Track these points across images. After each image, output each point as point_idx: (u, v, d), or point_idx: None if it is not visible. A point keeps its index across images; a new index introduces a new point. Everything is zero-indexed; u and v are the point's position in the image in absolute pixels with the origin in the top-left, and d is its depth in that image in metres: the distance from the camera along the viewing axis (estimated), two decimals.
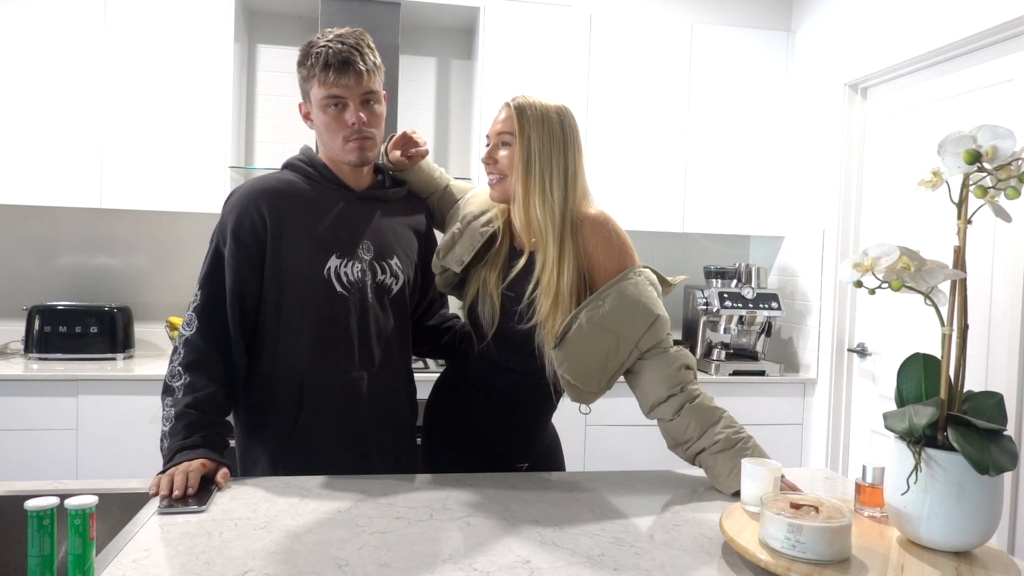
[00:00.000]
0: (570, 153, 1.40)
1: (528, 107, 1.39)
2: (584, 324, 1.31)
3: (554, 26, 3.07)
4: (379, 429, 1.49)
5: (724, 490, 1.32)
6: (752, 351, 3.21)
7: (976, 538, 1.00)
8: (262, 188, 1.43)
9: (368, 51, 1.40)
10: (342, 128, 1.41)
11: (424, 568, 0.97)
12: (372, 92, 1.41)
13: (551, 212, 1.36)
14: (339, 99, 1.39)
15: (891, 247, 1.02)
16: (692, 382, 1.36)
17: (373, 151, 1.45)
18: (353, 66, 1.37)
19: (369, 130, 1.42)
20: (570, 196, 1.39)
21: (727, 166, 3.26)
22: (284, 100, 3.26)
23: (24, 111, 2.72)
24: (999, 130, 0.97)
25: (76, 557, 0.91)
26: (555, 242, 1.35)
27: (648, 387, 1.35)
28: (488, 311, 1.43)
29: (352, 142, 1.42)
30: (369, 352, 1.46)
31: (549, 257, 1.36)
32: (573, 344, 1.32)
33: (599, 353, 1.33)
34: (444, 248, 1.50)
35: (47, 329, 2.78)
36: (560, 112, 1.41)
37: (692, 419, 1.33)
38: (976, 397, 1.06)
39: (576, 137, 1.41)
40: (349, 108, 1.40)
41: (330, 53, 1.36)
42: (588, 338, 1.31)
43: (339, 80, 1.37)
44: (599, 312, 1.31)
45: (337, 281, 1.43)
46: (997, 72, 2.32)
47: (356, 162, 1.44)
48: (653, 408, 1.36)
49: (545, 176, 1.37)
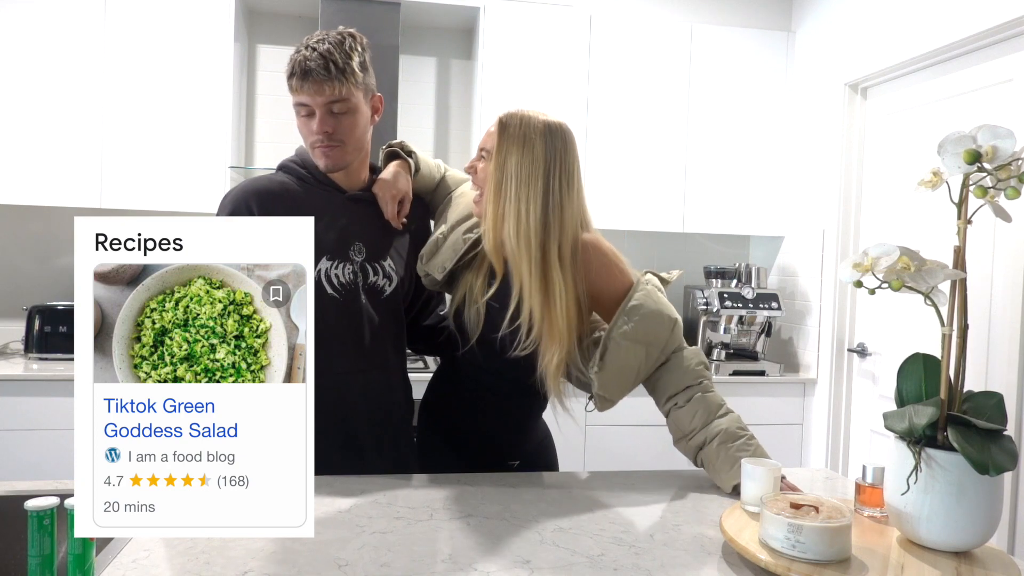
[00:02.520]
0: (554, 177, 1.30)
1: (513, 123, 1.32)
2: (620, 342, 1.31)
3: (554, 26, 3.07)
4: (374, 430, 1.49)
5: (723, 486, 1.33)
6: (752, 351, 3.21)
7: (976, 538, 1.00)
8: (254, 189, 1.43)
9: (343, 57, 1.36)
10: (310, 135, 1.42)
11: (424, 568, 0.97)
12: (338, 101, 1.38)
13: (526, 241, 1.29)
14: (306, 107, 1.39)
15: (891, 247, 1.02)
16: (708, 378, 1.40)
17: (343, 159, 1.43)
18: (313, 75, 1.34)
19: (335, 139, 1.40)
20: (553, 225, 1.30)
21: (727, 166, 3.26)
22: (284, 100, 3.22)
23: (24, 111, 2.72)
24: (999, 130, 0.97)
25: (76, 557, 0.91)
26: (533, 275, 1.29)
27: (669, 383, 1.38)
28: (473, 317, 1.41)
29: (318, 149, 1.42)
30: (363, 354, 1.46)
31: (526, 288, 1.30)
32: (611, 364, 1.32)
33: (632, 366, 1.34)
34: (427, 253, 1.47)
35: (47, 329, 2.78)
36: (551, 131, 1.32)
37: (700, 407, 1.35)
38: (976, 397, 1.06)
39: (567, 160, 1.32)
40: (315, 116, 1.39)
41: (298, 61, 1.36)
42: (623, 354, 1.32)
43: (302, 87, 1.36)
44: (629, 327, 1.32)
45: (328, 283, 1.42)
46: (997, 72, 2.32)
47: (325, 168, 1.45)
48: (669, 400, 1.39)
49: (521, 200, 1.29)
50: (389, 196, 1.49)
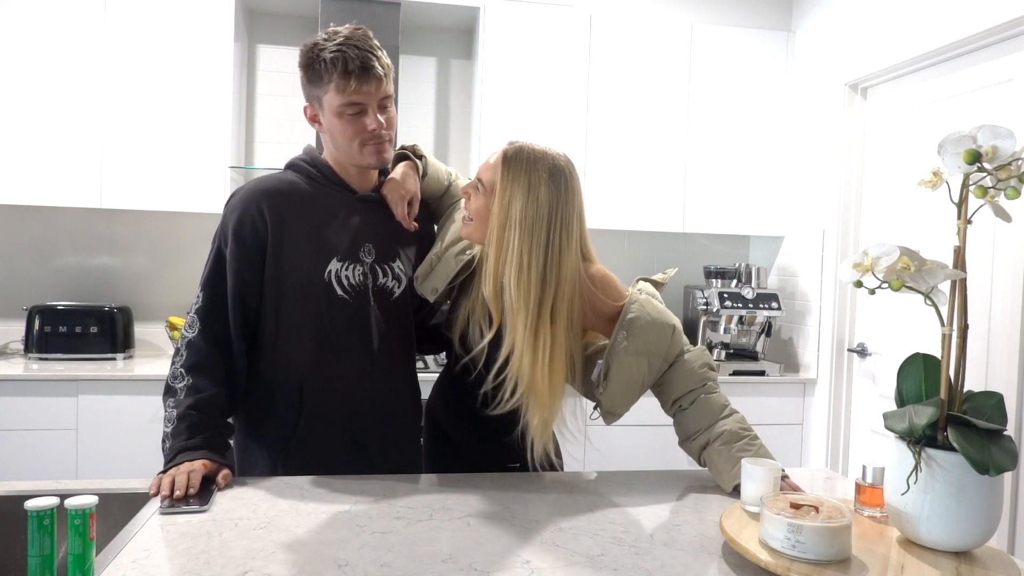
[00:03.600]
0: (555, 229, 1.27)
1: (518, 163, 1.29)
2: (622, 356, 1.31)
3: (554, 26, 3.07)
4: (381, 432, 1.48)
5: (725, 486, 1.33)
6: (752, 351, 3.21)
7: (976, 538, 1.00)
8: (264, 189, 1.42)
9: (380, 52, 1.39)
10: (359, 133, 1.39)
11: (424, 568, 0.97)
12: (388, 96, 1.41)
13: (525, 294, 1.25)
14: (359, 106, 1.37)
15: (891, 247, 1.02)
16: (713, 379, 1.40)
17: (390, 153, 1.46)
18: (373, 72, 1.35)
19: (387, 133, 1.42)
20: (550, 281, 1.26)
21: (727, 166, 3.26)
22: (284, 100, 3.26)
23: (24, 111, 2.72)
24: (999, 130, 0.97)
25: (76, 557, 0.91)
26: (527, 330, 1.25)
27: (674, 387, 1.38)
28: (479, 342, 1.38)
29: (370, 146, 1.41)
30: (371, 355, 1.46)
31: (519, 343, 1.26)
32: (615, 380, 1.32)
33: (636, 379, 1.34)
34: (422, 274, 1.46)
35: (47, 329, 2.78)
36: (554, 175, 1.28)
37: (703, 409, 1.36)
38: (976, 397, 1.06)
39: (568, 207, 1.29)
40: (368, 114, 1.38)
41: (348, 59, 1.33)
42: (626, 370, 1.32)
43: (360, 87, 1.34)
44: (627, 344, 1.31)
45: (338, 284, 1.42)
46: (997, 72, 2.32)
47: (375, 165, 1.44)
48: (674, 403, 1.39)
49: (523, 252, 1.26)
50: (398, 196, 1.49)
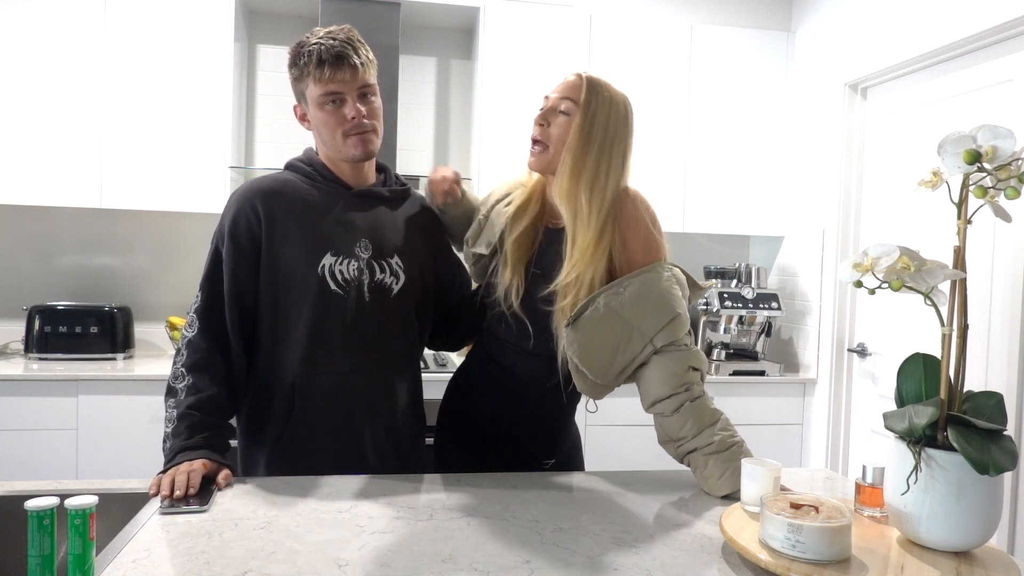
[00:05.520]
0: (630, 143, 1.40)
1: (601, 84, 1.38)
2: (601, 308, 1.30)
3: (554, 26, 3.07)
4: (376, 433, 1.45)
5: (714, 492, 1.31)
6: (752, 351, 3.21)
7: (976, 538, 1.00)
8: (258, 188, 1.43)
9: (360, 45, 1.40)
10: (341, 123, 1.40)
11: (424, 568, 0.97)
12: (368, 85, 1.41)
13: (600, 199, 1.34)
14: (336, 95, 1.38)
15: (891, 247, 1.02)
16: (697, 384, 1.34)
17: (375, 144, 1.45)
18: (347, 60, 1.36)
19: (369, 122, 1.41)
20: (620, 187, 1.37)
21: (727, 166, 3.26)
22: (284, 100, 3.25)
23: (24, 111, 2.72)
24: (999, 130, 0.97)
25: (76, 557, 0.91)
26: (596, 229, 1.33)
27: (653, 383, 1.33)
28: (514, 286, 1.41)
29: (353, 136, 1.41)
30: (366, 353, 1.44)
31: (588, 242, 1.32)
32: (587, 326, 1.30)
33: (611, 341, 1.31)
34: (472, 236, 1.52)
35: (47, 329, 2.78)
36: (627, 101, 1.41)
37: (690, 418, 1.31)
38: (976, 397, 1.06)
39: (632, 128, 1.41)
40: (347, 103, 1.39)
41: (323, 49, 1.35)
42: (603, 323, 1.30)
43: (335, 75, 1.36)
44: (618, 299, 1.30)
45: (331, 279, 1.41)
46: (997, 72, 2.32)
47: (360, 156, 1.43)
48: (653, 404, 1.35)
49: (602, 160, 1.35)
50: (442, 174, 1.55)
